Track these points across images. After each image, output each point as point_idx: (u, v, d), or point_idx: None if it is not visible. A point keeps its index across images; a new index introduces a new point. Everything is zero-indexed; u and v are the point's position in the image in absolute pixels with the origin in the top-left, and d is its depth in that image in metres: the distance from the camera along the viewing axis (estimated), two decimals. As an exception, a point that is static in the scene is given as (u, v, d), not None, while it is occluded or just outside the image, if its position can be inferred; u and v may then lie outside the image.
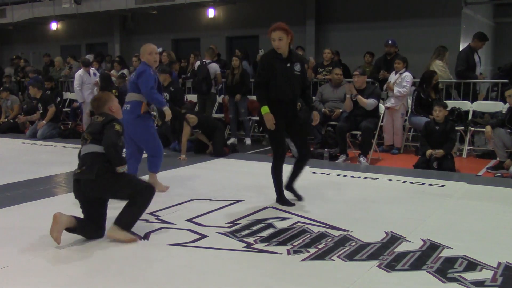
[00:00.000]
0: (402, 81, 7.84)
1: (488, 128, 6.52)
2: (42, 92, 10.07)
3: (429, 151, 6.47)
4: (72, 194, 4.89)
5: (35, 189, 5.47)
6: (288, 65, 4.55)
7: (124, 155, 4.32)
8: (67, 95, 12.37)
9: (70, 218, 3.68)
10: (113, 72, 11.68)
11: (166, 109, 5.32)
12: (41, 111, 9.99)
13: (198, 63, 9.47)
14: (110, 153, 3.72)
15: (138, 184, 3.86)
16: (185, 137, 7.35)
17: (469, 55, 8.27)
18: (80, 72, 10.05)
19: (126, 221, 3.80)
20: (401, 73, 7.91)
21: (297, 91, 4.64)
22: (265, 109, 4.51)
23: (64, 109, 11.80)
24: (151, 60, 5.13)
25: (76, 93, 10.19)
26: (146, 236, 3.85)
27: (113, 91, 9.10)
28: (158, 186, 5.15)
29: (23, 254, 3.48)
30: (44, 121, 9.79)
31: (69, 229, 3.69)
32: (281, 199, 4.79)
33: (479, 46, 8.30)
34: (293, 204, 4.73)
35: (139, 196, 3.79)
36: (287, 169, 4.91)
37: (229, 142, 8.39)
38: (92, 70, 10.25)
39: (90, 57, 12.78)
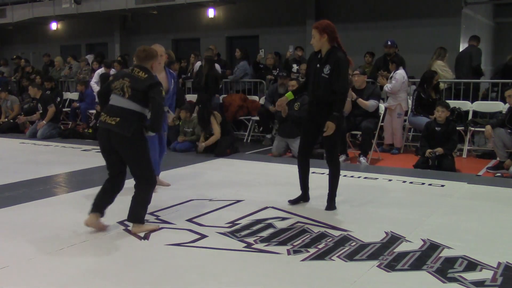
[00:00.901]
0: (392, 79, 7.85)
1: (488, 128, 6.52)
2: (42, 92, 10.07)
3: (428, 151, 6.48)
4: (72, 194, 4.89)
5: (35, 189, 5.47)
6: (318, 65, 4.44)
7: None
8: (67, 95, 12.37)
9: (95, 217, 3.92)
10: (112, 71, 11.68)
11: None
12: (41, 111, 9.99)
13: (198, 63, 9.46)
14: (158, 118, 3.84)
15: (149, 169, 3.95)
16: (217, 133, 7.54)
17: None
18: (99, 71, 10.17)
19: (138, 215, 3.93)
20: (395, 73, 7.91)
21: (319, 93, 4.43)
22: (288, 94, 4.79)
23: (64, 109, 11.80)
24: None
25: (93, 87, 10.33)
26: (146, 236, 3.85)
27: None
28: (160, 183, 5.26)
29: (23, 254, 3.48)
30: (44, 121, 9.79)
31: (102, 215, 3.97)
32: (298, 196, 4.80)
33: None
34: (295, 203, 4.74)
35: (143, 184, 3.92)
36: (286, 169, 4.91)
37: None
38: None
39: (90, 57, 12.79)
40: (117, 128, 3.78)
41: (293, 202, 4.76)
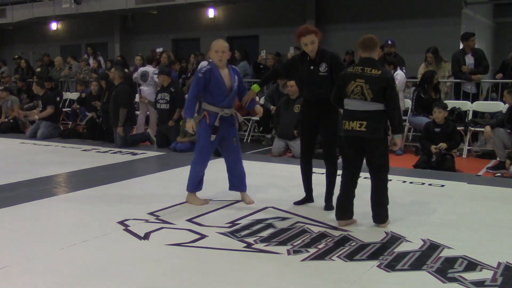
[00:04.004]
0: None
1: (488, 128, 6.52)
2: (45, 91, 10.11)
3: (433, 146, 6.48)
4: (72, 194, 4.91)
5: (35, 189, 5.46)
6: (312, 67, 4.45)
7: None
8: (67, 95, 12.37)
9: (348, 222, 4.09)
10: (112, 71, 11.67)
11: (188, 121, 4.80)
12: (41, 109, 10.02)
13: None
14: (397, 117, 3.97)
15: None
16: None
17: (460, 57, 8.29)
18: (143, 68, 9.95)
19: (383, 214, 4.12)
20: (396, 73, 7.89)
21: (321, 92, 4.42)
22: (254, 87, 4.70)
23: (64, 109, 11.80)
24: (215, 58, 4.65)
25: (137, 79, 9.90)
26: (146, 236, 3.85)
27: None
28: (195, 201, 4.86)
29: (23, 254, 3.48)
30: (37, 116, 9.79)
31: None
32: (303, 198, 4.77)
33: (468, 46, 8.28)
34: (300, 203, 4.73)
35: (385, 177, 4.08)
36: (286, 169, 4.91)
37: None
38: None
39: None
40: (369, 134, 3.88)
41: (299, 203, 4.73)
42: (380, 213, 4.06)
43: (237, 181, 4.87)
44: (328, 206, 4.56)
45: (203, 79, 4.56)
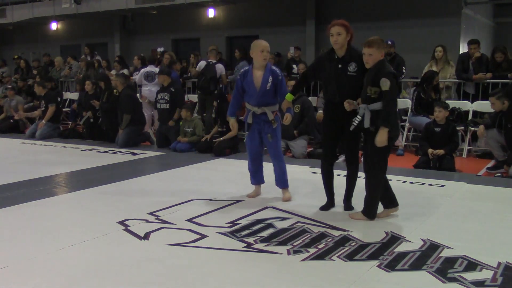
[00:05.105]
0: None
1: (481, 128, 6.54)
2: (47, 90, 10.12)
3: (430, 150, 6.48)
4: (72, 194, 4.93)
5: (35, 189, 5.47)
6: (340, 66, 4.28)
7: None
8: (67, 95, 12.36)
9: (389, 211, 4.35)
10: (112, 72, 11.68)
11: (231, 120, 5.04)
12: (43, 109, 10.03)
13: (203, 62, 9.41)
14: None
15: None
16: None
17: (464, 59, 8.32)
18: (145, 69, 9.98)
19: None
20: None
21: (348, 93, 4.27)
22: (288, 96, 4.66)
23: (64, 109, 11.80)
24: (260, 57, 4.75)
25: (140, 80, 9.90)
26: (146, 236, 3.85)
27: (114, 90, 9.11)
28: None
29: (23, 254, 3.48)
30: (43, 121, 9.81)
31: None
32: (325, 204, 4.65)
33: (470, 51, 8.27)
34: (325, 209, 4.60)
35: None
36: (289, 169, 4.91)
37: None
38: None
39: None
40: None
41: (324, 209, 4.60)
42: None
43: (276, 176, 5.04)
44: (348, 206, 4.57)
45: (239, 80, 4.91)
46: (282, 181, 5.00)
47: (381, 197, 4.31)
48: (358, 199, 4.43)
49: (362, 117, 4.10)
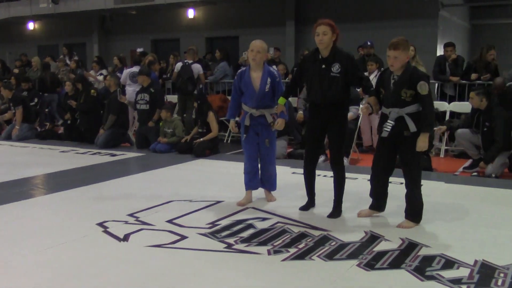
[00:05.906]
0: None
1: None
2: (13, 93, 9.94)
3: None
4: (49, 196, 4.85)
5: (11, 191, 5.38)
6: (324, 66, 4.23)
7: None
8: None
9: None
10: (91, 72, 11.57)
11: (231, 122, 5.02)
12: (14, 111, 9.88)
13: (179, 64, 9.40)
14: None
15: None
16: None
17: (441, 61, 8.51)
18: (129, 70, 9.83)
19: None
20: (375, 75, 7.95)
21: (332, 94, 4.22)
22: (280, 100, 4.55)
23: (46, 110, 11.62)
24: (249, 57, 4.74)
25: (124, 80, 9.73)
26: (125, 238, 3.82)
27: (92, 91, 9.03)
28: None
29: (-1, 257, 3.43)
30: (16, 126, 9.65)
31: None
32: (305, 204, 4.65)
33: (446, 53, 8.45)
34: (305, 209, 4.61)
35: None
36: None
37: None
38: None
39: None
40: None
41: (304, 209, 4.60)
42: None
43: (265, 179, 4.95)
44: (334, 214, 4.41)
45: (236, 81, 4.82)
46: (273, 184, 4.97)
47: (375, 197, 4.33)
48: (366, 201, 4.42)
49: (393, 121, 4.04)
